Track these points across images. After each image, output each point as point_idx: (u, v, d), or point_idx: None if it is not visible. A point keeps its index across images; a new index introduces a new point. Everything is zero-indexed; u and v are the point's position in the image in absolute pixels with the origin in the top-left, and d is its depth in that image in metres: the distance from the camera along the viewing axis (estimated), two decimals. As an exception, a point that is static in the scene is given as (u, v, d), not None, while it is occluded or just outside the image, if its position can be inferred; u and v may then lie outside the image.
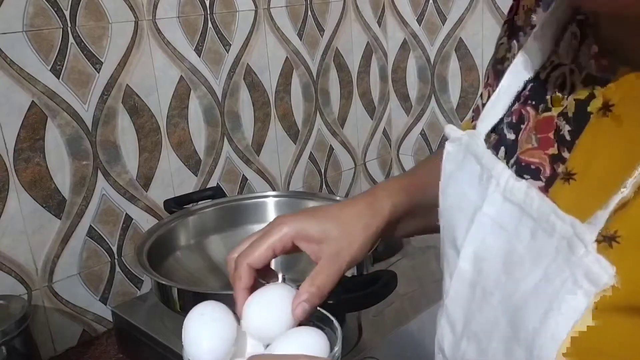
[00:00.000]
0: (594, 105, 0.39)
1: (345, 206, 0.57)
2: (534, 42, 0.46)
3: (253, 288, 0.52)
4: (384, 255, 1.10)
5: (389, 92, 1.54)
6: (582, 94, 0.40)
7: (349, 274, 0.75)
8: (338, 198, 1.01)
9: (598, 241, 0.34)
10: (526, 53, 0.46)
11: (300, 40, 1.29)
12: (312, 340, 0.45)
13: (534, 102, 0.44)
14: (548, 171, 0.41)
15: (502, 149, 0.45)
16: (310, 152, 1.38)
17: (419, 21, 1.42)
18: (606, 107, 0.38)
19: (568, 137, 0.40)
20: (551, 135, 0.42)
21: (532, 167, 0.42)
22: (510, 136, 0.45)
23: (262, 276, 0.54)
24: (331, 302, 0.70)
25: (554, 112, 0.42)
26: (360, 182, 1.53)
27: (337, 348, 0.45)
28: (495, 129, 0.47)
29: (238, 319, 0.49)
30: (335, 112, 1.42)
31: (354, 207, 0.56)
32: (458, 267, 0.46)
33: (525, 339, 0.38)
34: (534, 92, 0.45)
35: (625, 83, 0.38)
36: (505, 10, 1.43)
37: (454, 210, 0.47)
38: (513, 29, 0.51)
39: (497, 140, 0.46)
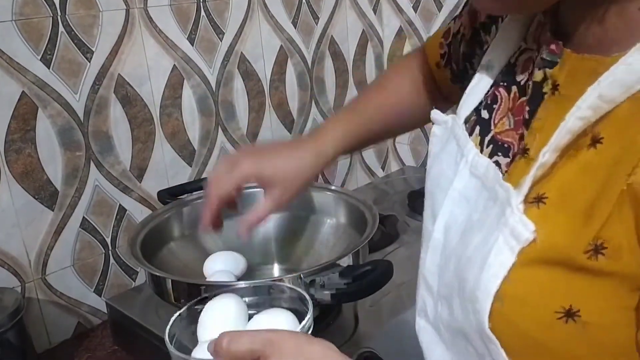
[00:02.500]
0: (547, 87, 0.44)
1: (293, 150, 0.68)
2: (508, 29, 0.51)
3: (217, 211, 0.70)
4: (379, 245, 1.09)
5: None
6: (538, 76, 0.45)
7: (344, 263, 0.75)
8: (333, 187, 1.00)
9: (529, 203, 0.39)
10: (501, 39, 0.51)
11: (295, 28, 1.28)
12: (283, 317, 0.52)
13: (505, 84, 0.49)
14: (516, 148, 0.46)
15: (477, 128, 0.50)
16: (306, 141, 1.37)
17: (415, 8, 1.41)
18: (554, 87, 0.43)
19: (527, 116, 0.45)
20: (522, 117, 0.46)
21: (505, 145, 0.47)
22: (485, 115, 0.50)
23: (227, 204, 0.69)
24: (328, 292, 0.70)
25: (527, 97, 0.47)
26: (356, 172, 1.52)
27: (308, 316, 0.50)
28: (475, 111, 0.52)
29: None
30: (330, 101, 1.41)
31: (301, 152, 0.68)
32: (432, 238, 0.51)
33: (469, 295, 0.42)
34: (505, 75, 0.50)
35: (567, 64, 0.42)
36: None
37: (435, 189, 0.52)
38: (485, 27, 0.59)
39: (474, 120, 0.51)
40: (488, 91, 0.51)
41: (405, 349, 0.88)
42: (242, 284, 0.76)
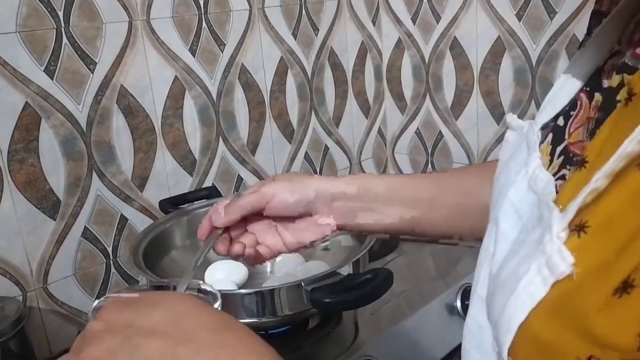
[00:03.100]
0: (622, 95, 0.38)
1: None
2: (601, 32, 0.45)
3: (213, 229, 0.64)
4: (379, 254, 1.10)
5: (384, 91, 1.54)
6: (614, 82, 0.39)
7: (345, 272, 0.76)
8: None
9: (572, 230, 0.34)
10: (593, 42, 0.45)
11: (295, 39, 1.29)
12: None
13: (588, 89, 0.43)
14: None
15: (550, 135, 0.44)
16: (306, 151, 1.38)
17: (414, 20, 1.43)
18: (629, 97, 0.37)
19: (593, 126, 0.40)
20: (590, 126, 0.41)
21: (575, 158, 0.41)
22: (560, 123, 0.44)
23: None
24: (328, 300, 0.70)
25: (598, 102, 0.41)
26: (355, 181, 1.53)
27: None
28: (554, 118, 0.46)
29: None
30: (330, 112, 1.42)
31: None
32: (487, 250, 0.46)
33: (493, 321, 0.38)
34: (591, 79, 0.44)
35: None
36: (499, 8, 1.43)
37: (498, 197, 0.47)
38: (597, 19, 0.49)
39: (550, 128, 0.45)
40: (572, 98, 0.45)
41: (404, 357, 0.88)
42: (243, 292, 0.77)
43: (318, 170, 1.42)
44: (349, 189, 0.61)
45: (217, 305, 0.49)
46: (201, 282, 0.52)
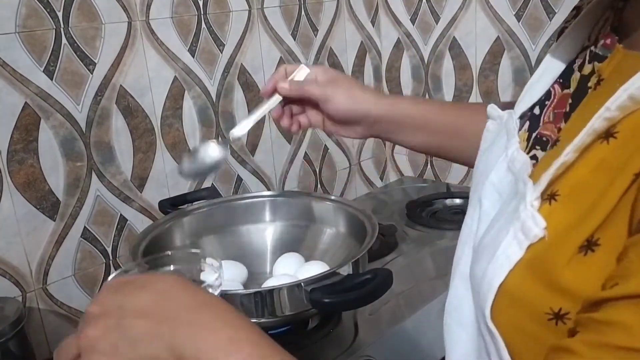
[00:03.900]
0: (592, 81, 0.42)
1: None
2: (574, 29, 0.49)
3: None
4: (379, 254, 1.10)
5: (383, 91, 1.54)
6: (586, 70, 0.43)
7: (344, 272, 0.76)
8: (333, 197, 1.01)
9: (544, 199, 0.38)
10: (567, 38, 0.49)
11: (294, 40, 1.29)
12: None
13: (561, 81, 0.48)
14: (552, 142, 0.44)
15: (527, 123, 0.49)
16: (305, 151, 1.38)
17: (413, 20, 1.43)
18: (598, 82, 0.41)
19: (568, 110, 0.44)
20: (564, 110, 0.45)
21: (544, 139, 0.45)
22: (537, 112, 0.49)
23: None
24: (328, 300, 0.70)
25: (571, 89, 0.45)
26: (355, 182, 1.53)
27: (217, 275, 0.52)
28: (532, 107, 0.50)
29: None
30: (329, 112, 1.42)
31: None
32: (470, 229, 0.50)
33: (476, 286, 0.42)
34: (565, 72, 0.48)
35: (615, 59, 0.41)
36: (498, 9, 1.43)
37: (478, 182, 0.51)
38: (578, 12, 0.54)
39: (527, 117, 0.50)
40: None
41: (404, 357, 0.88)
42: (243, 292, 0.77)
43: (317, 170, 1.42)
44: (389, 115, 0.71)
45: (215, 277, 0.51)
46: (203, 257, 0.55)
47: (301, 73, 0.73)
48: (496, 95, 1.34)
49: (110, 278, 0.51)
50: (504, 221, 0.41)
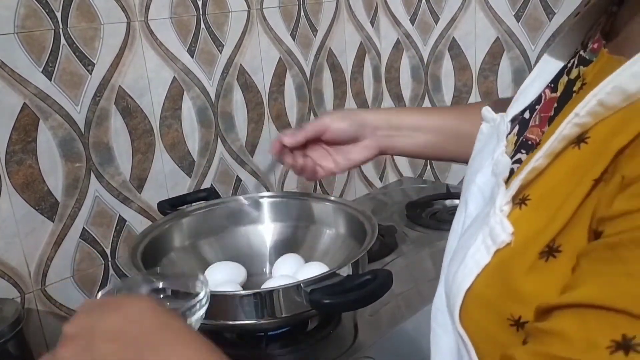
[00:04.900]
0: (577, 85, 0.42)
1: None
2: (568, 34, 0.49)
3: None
4: (378, 255, 1.10)
5: (383, 92, 1.54)
6: (573, 74, 0.44)
7: (344, 273, 0.76)
8: (332, 198, 1.01)
9: (515, 204, 0.39)
10: (560, 43, 0.50)
11: (294, 40, 1.29)
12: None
13: (552, 85, 0.48)
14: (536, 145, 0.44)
15: (517, 127, 0.49)
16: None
17: (412, 21, 1.43)
18: (582, 86, 0.42)
19: (553, 113, 0.44)
20: (549, 114, 0.45)
21: (529, 142, 0.46)
22: (526, 115, 0.49)
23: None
24: (327, 301, 0.70)
25: (558, 93, 0.46)
26: (354, 183, 1.53)
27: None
28: (523, 111, 0.50)
29: None
30: (329, 113, 1.42)
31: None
32: (453, 230, 0.51)
33: (447, 290, 0.42)
34: (556, 77, 0.48)
35: (599, 63, 0.41)
36: (498, 9, 1.43)
37: (469, 182, 0.51)
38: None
39: (518, 120, 0.50)
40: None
41: (404, 358, 0.88)
42: (242, 293, 0.77)
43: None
44: (388, 120, 0.75)
45: (203, 294, 0.57)
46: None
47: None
48: (496, 96, 1.34)
49: (99, 295, 0.55)
50: (477, 225, 0.42)
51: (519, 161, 0.45)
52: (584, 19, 0.48)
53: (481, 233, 0.39)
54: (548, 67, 0.50)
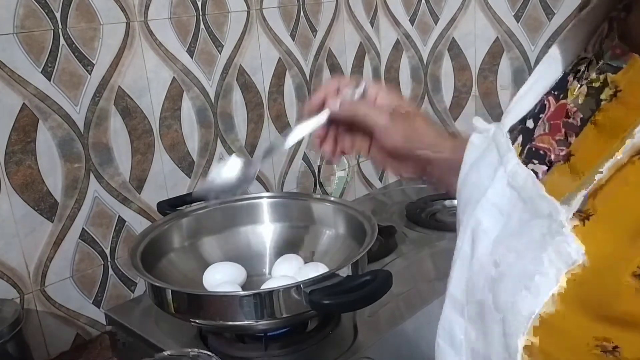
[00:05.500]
0: (607, 93, 0.40)
1: None
2: (566, 39, 0.47)
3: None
4: (378, 256, 1.10)
5: (382, 92, 1.54)
6: (595, 82, 0.41)
7: (344, 274, 0.76)
8: (332, 199, 1.01)
9: (576, 220, 0.35)
10: (558, 49, 0.47)
11: (293, 40, 1.29)
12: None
13: (556, 93, 0.46)
14: (553, 155, 0.42)
15: (520, 137, 0.47)
16: (304, 152, 1.37)
17: (412, 21, 1.43)
18: (615, 94, 0.39)
19: (578, 123, 0.41)
20: (561, 121, 0.43)
21: (541, 151, 0.43)
22: (530, 125, 0.47)
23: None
24: (327, 302, 0.70)
25: (568, 100, 0.44)
26: (354, 183, 1.53)
27: None
28: (522, 120, 0.48)
29: None
30: (328, 113, 1.41)
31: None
32: (460, 250, 0.47)
33: (500, 317, 0.39)
34: (558, 83, 0.46)
35: (632, 69, 0.39)
36: (497, 10, 1.43)
37: (469, 200, 0.48)
38: None
39: (519, 130, 0.48)
40: (540, 100, 0.48)
41: (403, 359, 0.88)
42: (242, 294, 0.77)
43: (316, 170, 1.41)
44: (450, 160, 0.63)
45: None
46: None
47: (356, 90, 0.65)
48: (495, 96, 1.34)
49: None
50: (527, 246, 0.38)
51: (534, 172, 0.43)
52: (582, 25, 0.47)
53: (545, 254, 0.36)
54: (546, 75, 0.48)
